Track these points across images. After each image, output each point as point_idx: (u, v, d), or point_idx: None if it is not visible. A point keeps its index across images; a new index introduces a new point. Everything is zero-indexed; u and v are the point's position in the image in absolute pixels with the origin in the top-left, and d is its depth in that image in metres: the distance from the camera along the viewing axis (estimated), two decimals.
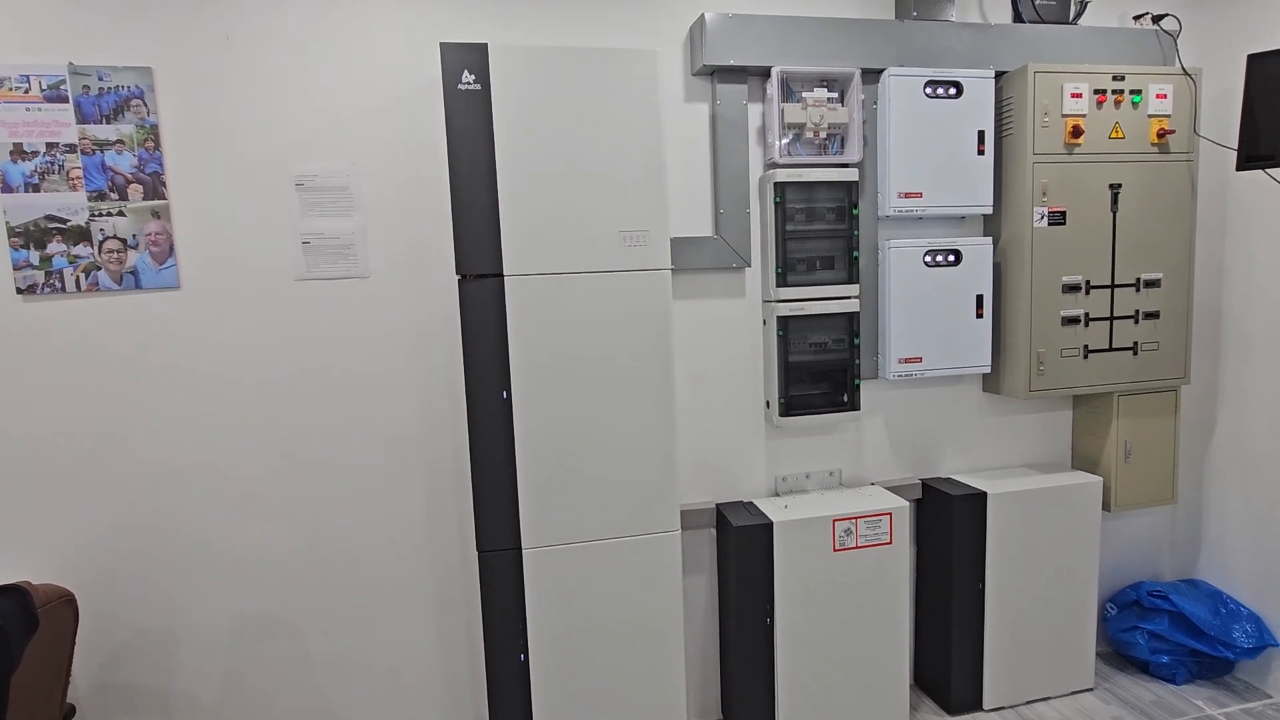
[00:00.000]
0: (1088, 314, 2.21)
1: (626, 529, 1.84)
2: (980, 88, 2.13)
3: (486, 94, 1.66)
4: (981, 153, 2.15)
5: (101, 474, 1.86)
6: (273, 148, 1.88)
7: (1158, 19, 2.30)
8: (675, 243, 2.04)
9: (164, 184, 1.83)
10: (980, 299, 2.20)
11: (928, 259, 2.16)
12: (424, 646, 2.10)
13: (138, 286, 1.84)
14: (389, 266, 1.97)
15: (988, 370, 2.25)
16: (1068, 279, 2.18)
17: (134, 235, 1.82)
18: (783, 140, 2.08)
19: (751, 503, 2.19)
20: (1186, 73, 2.19)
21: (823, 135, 2.10)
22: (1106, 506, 2.35)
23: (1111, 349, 2.24)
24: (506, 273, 1.71)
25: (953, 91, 2.11)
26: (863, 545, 2.09)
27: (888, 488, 2.28)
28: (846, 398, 2.18)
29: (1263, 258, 2.32)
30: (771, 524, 2.03)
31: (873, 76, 2.13)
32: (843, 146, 2.13)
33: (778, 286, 2.10)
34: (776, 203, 2.07)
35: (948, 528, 2.23)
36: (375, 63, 1.91)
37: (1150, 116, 2.18)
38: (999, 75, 2.18)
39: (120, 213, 1.81)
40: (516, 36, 1.98)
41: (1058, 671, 2.33)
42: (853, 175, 2.11)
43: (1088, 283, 2.20)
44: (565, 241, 1.74)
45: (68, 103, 1.76)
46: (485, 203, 1.69)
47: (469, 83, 1.66)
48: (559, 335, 1.75)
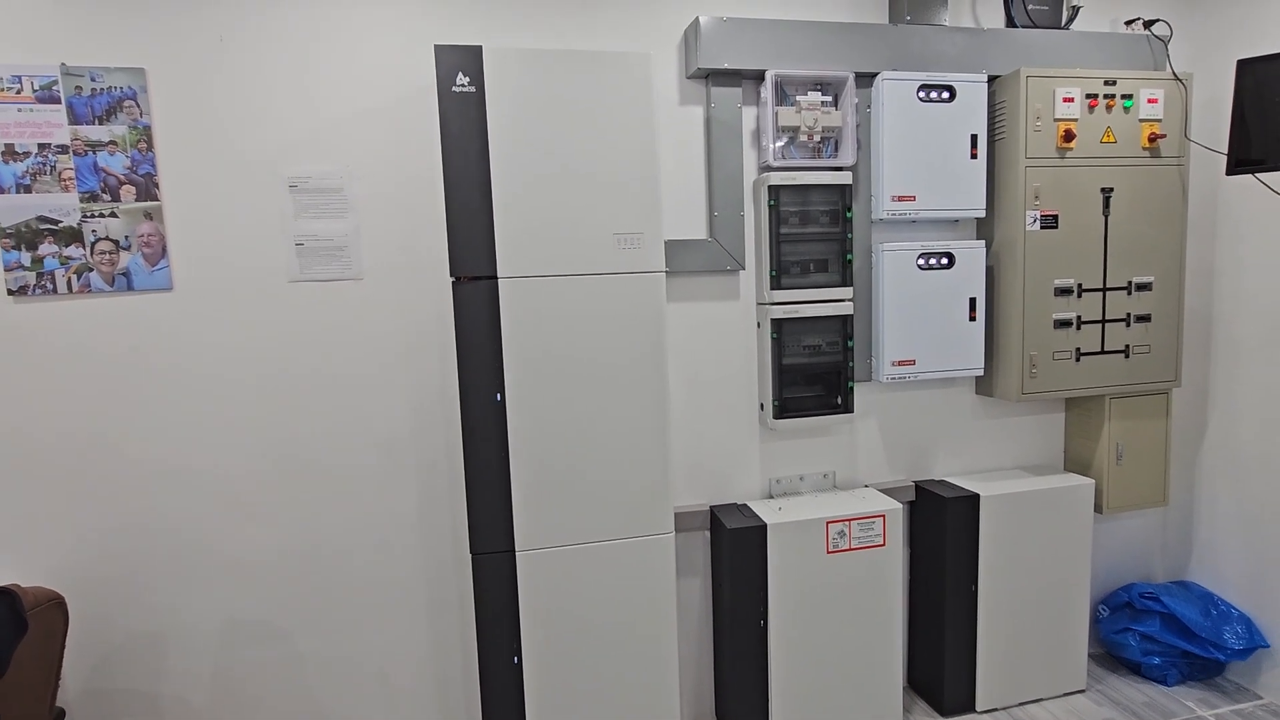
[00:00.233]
0: (1080, 317, 2.22)
1: (620, 531, 1.84)
2: (973, 92, 2.14)
3: (481, 96, 1.67)
4: (974, 156, 2.16)
5: (92, 476, 1.85)
6: (266, 149, 1.87)
7: (1149, 24, 2.32)
8: (669, 245, 2.04)
9: (157, 185, 1.82)
10: (973, 302, 2.21)
11: (921, 262, 2.17)
12: (417, 649, 2.09)
13: (130, 288, 1.83)
14: (383, 268, 1.97)
15: (980, 373, 2.26)
16: (1060, 282, 2.20)
17: (126, 236, 1.81)
18: (777, 143, 2.08)
19: (745, 505, 2.19)
20: (1177, 78, 2.21)
21: (817, 138, 2.11)
22: (1098, 509, 2.36)
23: (1103, 352, 2.26)
24: (500, 275, 1.71)
25: (946, 95, 2.12)
26: (856, 547, 2.10)
27: (881, 490, 2.28)
28: (840, 400, 2.18)
29: (1252, 261, 2.34)
30: (765, 526, 2.04)
31: (866, 80, 2.14)
32: (836, 150, 2.14)
33: (772, 289, 2.10)
34: (770, 206, 2.08)
35: (941, 530, 2.24)
36: (370, 64, 1.91)
37: (1141, 121, 2.20)
38: (992, 79, 2.20)
39: (112, 214, 1.80)
40: (511, 39, 1.98)
41: (1050, 673, 2.34)
42: (846, 178, 2.11)
43: (1080, 286, 2.22)
44: (559, 244, 1.74)
45: (60, 103, 1.75)
46: (479, 205, 1.69)
47: (463, 85, 1.66)
48: (553, 337, 1.75)
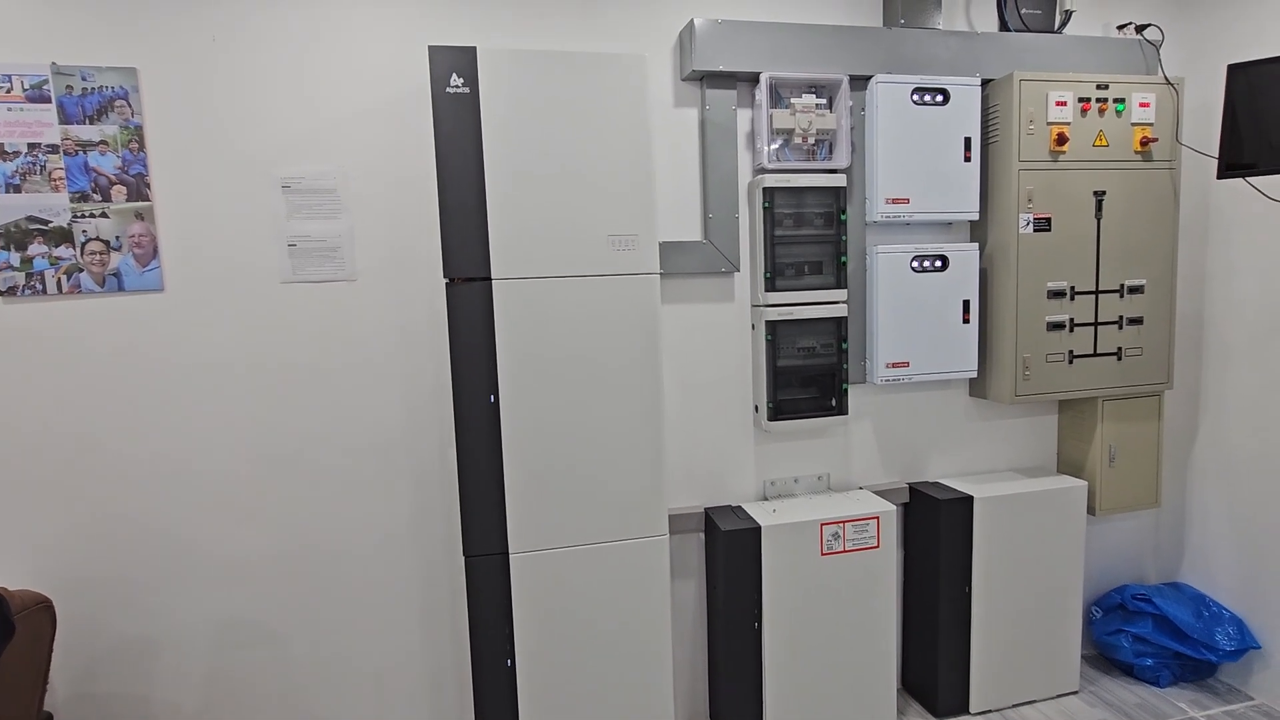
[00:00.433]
0: (1072, 319, 2.23)
1: (614, 533, 1.83)
2: (966, 95, 2.15)
3: (475, 97, 1.66)
4: (968, 159, 2.17)
5: (81, 478, 1.84)
6: (259, 149, 1.86)
7: (1141, 29, 2.34)
8: (664, 247, 2.04)
9: (148, 185, 1.81)
10: (967, 304, 2.22)
11: (915, 264, 2.17)
12: (410, 652, 2.08)
13: (120, 289, 1.82)
14: (376, 269, 1.96)
15: (974, 375, 2.27)
16: (1053, 285, 2.21)
17: (117, 237, 1.80)
18: (771, 146, 2.08)
19: (740, 507, 2.19)
20: (1169, 82, 2.22)
21: (811, 141, 2.11)
22: (1091, 510, 2.37)
23: (1096, 354, 2.26)
24: (494, 276, 1.71)
25: (939, 99, 2.13)
26: (850, 549, 2.10)
27: (875, 492, 2.29)
28: (834, 402, 2.18)
29: (1243, 265, 2.36)
30: (760, 528, 2.04)
31: (861, 83, 2.15)
32: (831, 152, 2.14)
33: (766, 291, 2.11)
34: (765, 208, 2.08)
35: (935, 531, 2.24)
36: (363, 65, 1.90)
37: (1133, 125, 2.21)
38: (985, 83, 2.20)
39: (103, 214, 1.79)
40: (505, 40, 1.98)
41: (1043, 675, 2.35)
42: (841, 181, 2.12)
43: (1072, 288, 2.22)
44: (553, 245, 1.73)
45: (50, 103, 1.74)
46: (473, 206, 1.69)
47: (457, 86, 1.65)
48: (547, 339, 1.75)
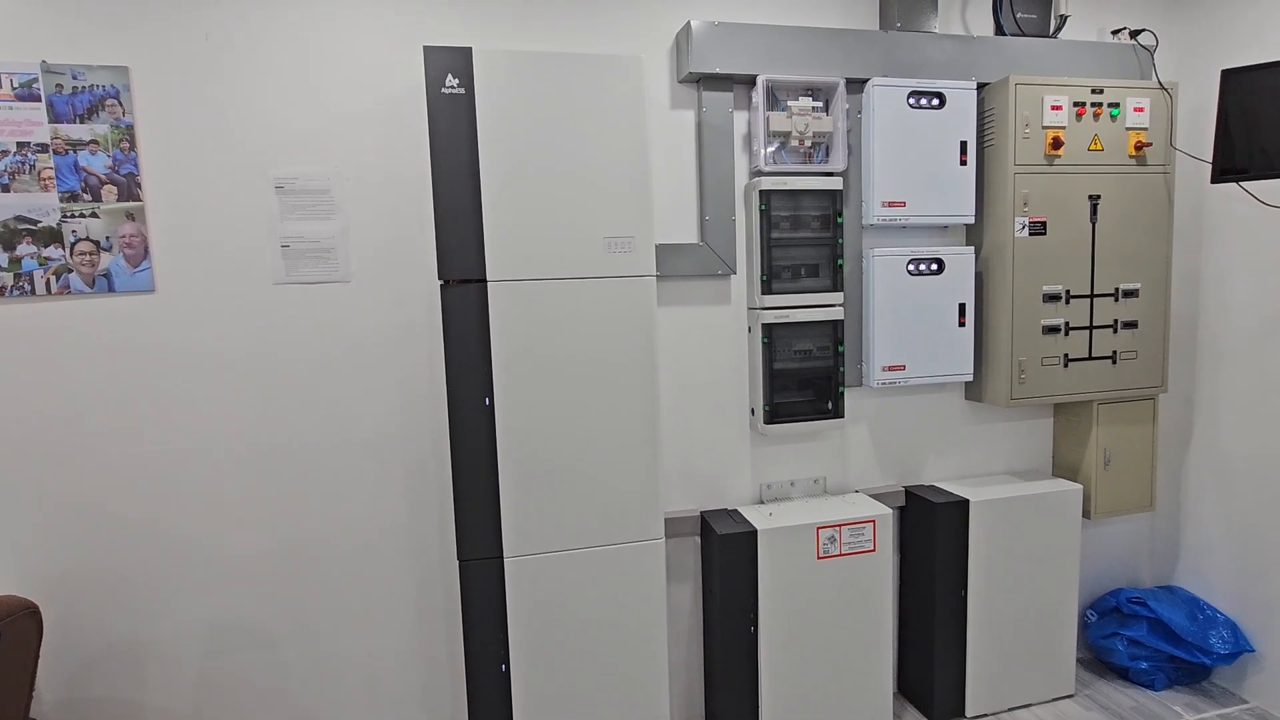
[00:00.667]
0: (1068, 323, 2.24)
1: (610, 537, 1.82)
2: (962, 99, 2.15)
3: (470, 98, 1.65)
4: (964, 163, 2.17)
5: (69, 481, 1.81)
6: (253, 150, 1.85)
7: (1135, 34, 2.35)
8: (660, 249, 2.03)
9: (139, 185, 1.79)
10: (963, 308, 2.22)
11: (911, 268, 2.17)
12: (403, 656, 2.06)
13: (111, 289, 1.79)
14: (370, 271, 1.94)
15: (970, 378, 2.27)
16: (1048, 288, 2.21)
17: (107, 237, 1.78)
18: (768, 148, 2.08)
19: (736, 510, 2.18)
20: (1163, 87, 2.23)
21: (808, 144, 2.11)
22: (1086, 514, 2.37)
23: (1091, 358, 2.27)
24: (489, 278, 1.70)
25: (935, 102, 2.13)
26: (847, 553, 2.09)
27: (871, 495, 2.28)
28: (831, 405, 2.18)
29: (1236, 269, 2.36)
30: (756, 532, 2.03)
31: (857, 86, 2.15)
32: (827, 155, 2.14)
33: (762, 294, 2.10)
34: (762, 210, 2.08)
35: (931, 535, 2.24)
36: (358, 65, 1.89)
37: (1128, 129, 2.22)
38: (981, 87, 2.21)
39: (93, 214, 1.77)
40: (501, 41, 1.97)
41: (1039, 678, 2.34)
42: (837, 184, 2.11)
43: (1068, 292, 2.23)
44: (549, 247, 1.72)
45: (40, 101, 1.72)
46: (468, 207, 1.68)
47: (453, 87, 1.64)
48: (542, 341, 1.74)
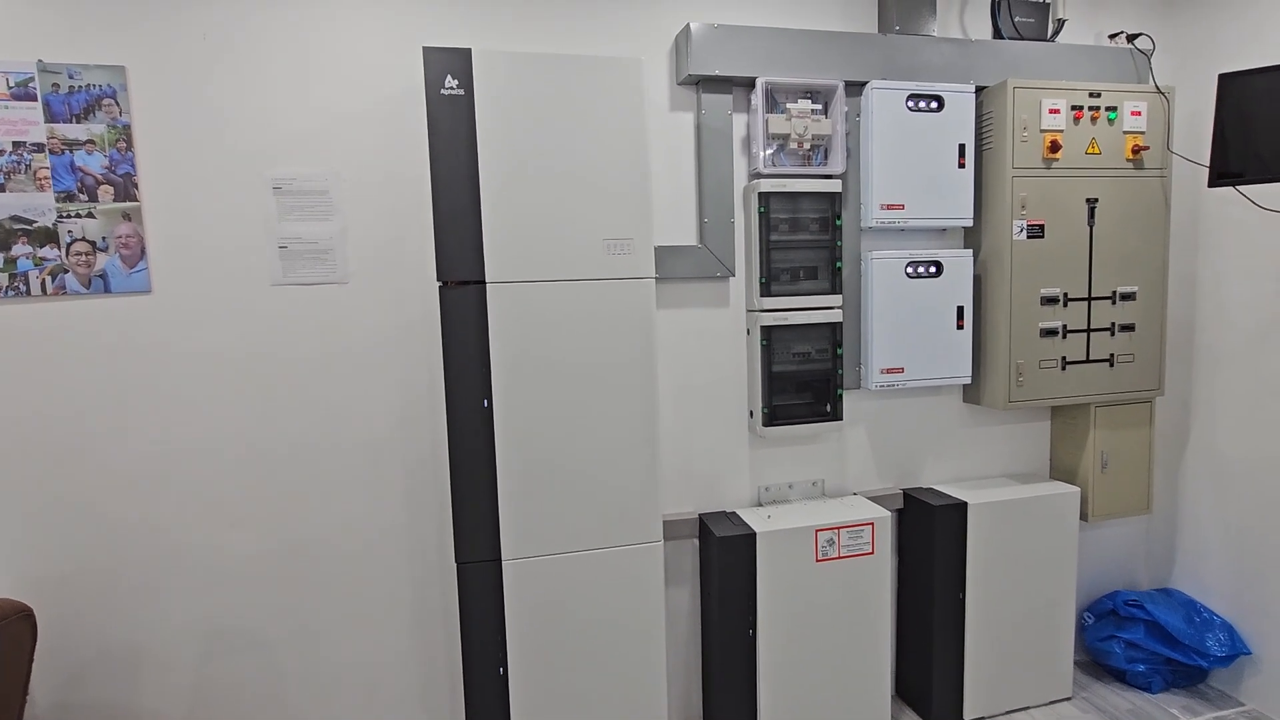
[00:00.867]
0: (1065, 326, 2.24)
1: (608, 540, 1.82)
2: (961, 102, 2.15)
3: (470, 99, 1.65)
4: (962, 166, 2.17)
5: (65, 482, 1.80)
6: (251, 150, 1.84)
7: (1132, 38, 2.35)
8: (659, 251, 2.03)
9: (136, 185, 1.78)
10: (961, 310, 2.22)
11: (909, 270, 2.18)
12: (401, 658, 2.05)
13: (107, 290, 1.78)
14: (368, 272, 1.94)
15: (968, 381, 2.27)
16: (1046, 291, 2.21)
17: (104, 238, 1.77)
18: (767, 151, 2.08)
19: (734, 513, 2.18)
20: (1160, 91, 2.24)
21: (806, 146, 2.11)
22: (1084, 516, 2.38)
23: (1088, 361, 2.27)
24: (488, 279, 1.69)
25: (934, 105, 2.14)
26: (845, 555, 2.09)
27: (870, 498, 2.28)
28: (829, 408, 2.18)
29: (1233, 272, 2.37)
30: (754, 534, 2.03)
31: (856, 89, 2.15)
32: (826, 158, 2.14)
33: (761, 296, 2.10)
34: (760, 213, 2.08)
35: (929, 538, 2.24)
36: (357, 65, 1.89)
37: (1125, 133, 2.23)
38: (979, 90, 2.21)
39: (90, 214, 1.76)
40: (502, 42, 1.97)
41: (1037, 681, 2.34)
42: (836, 186, 2.12)
43: (1065, 295, 2.23)
44: (548, 249, 1.72)
45: (36, 100, 1.71)
46: (467, 209, 1.67)
47: (452, 88, 1.64)
48: (541, 343, 1.73)
